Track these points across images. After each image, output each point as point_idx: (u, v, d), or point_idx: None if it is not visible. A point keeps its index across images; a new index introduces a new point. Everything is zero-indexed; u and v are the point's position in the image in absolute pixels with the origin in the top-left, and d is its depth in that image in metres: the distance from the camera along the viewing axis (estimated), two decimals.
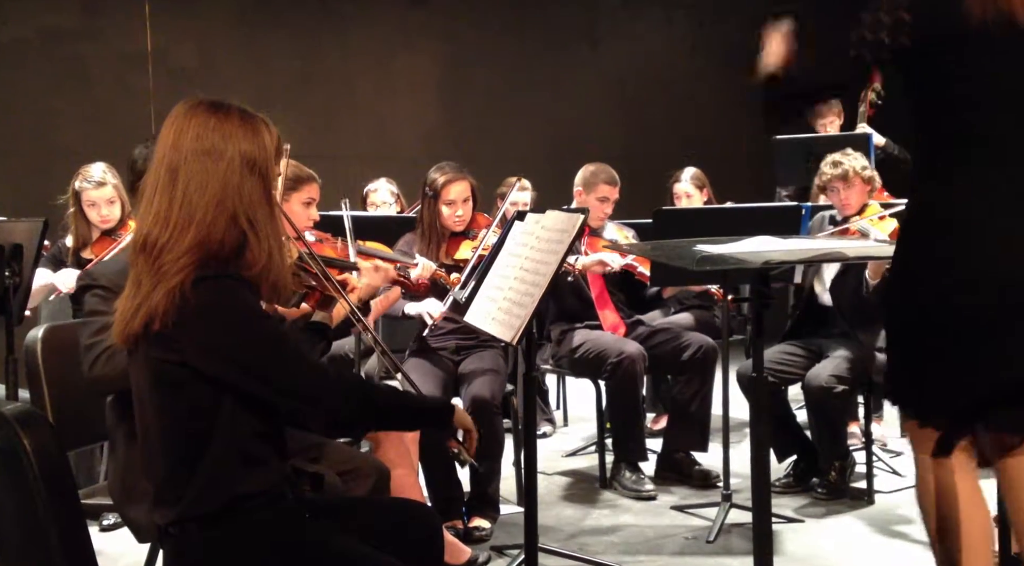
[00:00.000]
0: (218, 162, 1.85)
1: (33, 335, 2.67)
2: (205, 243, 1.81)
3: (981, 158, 2.13)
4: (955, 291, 2.11)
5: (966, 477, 2.22)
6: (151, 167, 1.90)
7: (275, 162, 1.94)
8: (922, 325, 2.16)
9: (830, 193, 4.12)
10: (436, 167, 3.97)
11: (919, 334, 2.18)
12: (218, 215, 1.83)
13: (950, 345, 2.12)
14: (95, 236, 4.02)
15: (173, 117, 1.90)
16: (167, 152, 1.87)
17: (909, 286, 2.19)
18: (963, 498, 2.20)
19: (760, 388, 2.50)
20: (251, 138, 1.89)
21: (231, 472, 1.84)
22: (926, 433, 2.23)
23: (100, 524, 3.65)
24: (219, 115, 1.89)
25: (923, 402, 2.21)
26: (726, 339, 3.92)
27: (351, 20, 7.70)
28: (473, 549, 3.32)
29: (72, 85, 6.74)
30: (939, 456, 2.22)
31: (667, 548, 3.53)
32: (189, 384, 1.81)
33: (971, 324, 2.10)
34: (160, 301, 1.77)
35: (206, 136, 1.86)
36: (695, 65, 8.75)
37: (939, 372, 2.15)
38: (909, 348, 2.22)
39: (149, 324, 1.79)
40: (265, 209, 1.88)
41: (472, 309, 2.90)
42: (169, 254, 1.80)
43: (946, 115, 2.16)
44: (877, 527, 3.70)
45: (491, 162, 6.43)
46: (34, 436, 1.50)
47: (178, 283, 1.77)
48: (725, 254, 2.34)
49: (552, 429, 5.31)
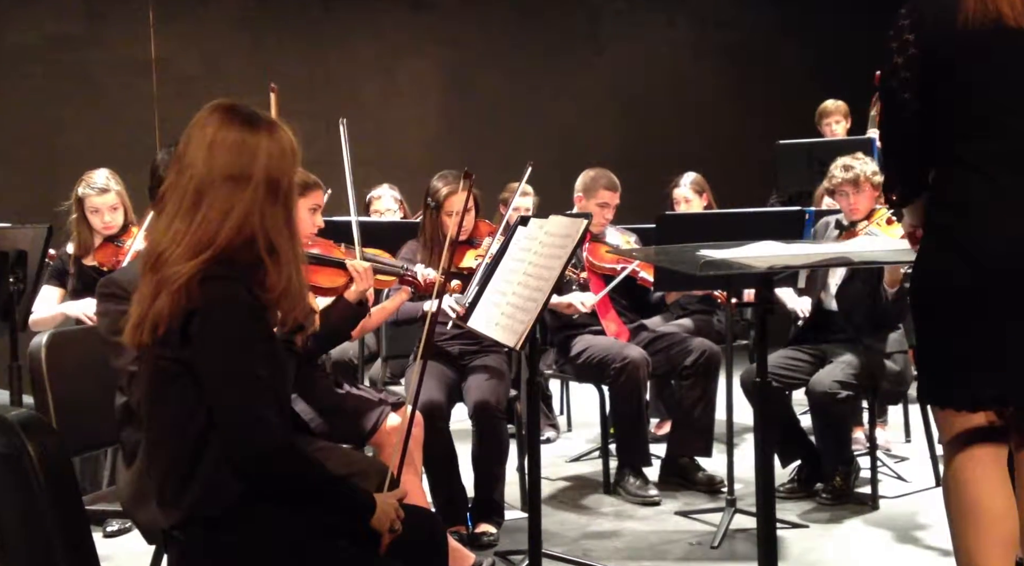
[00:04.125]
0: (244, 188, 1.83)
1: (37, 341, 2.67)
2: (216, 255, 1.82)
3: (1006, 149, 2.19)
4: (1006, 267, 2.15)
5: (992, 468, 2.24)
6: (176, 180, 1.87)
7: (295, 183, 1.94)
8: (966, 306, 2.19)
9: (839, 197, 4.11)
10: (438, 176, 3.96)
11: (965, 315, 2.19)
12: (235, 237, 1.83)
13: (1000, 325, 2.16)
14: (97, 242, 4.02)
15: (201, 126, 1.87)
16: (198, 170, 1.83)
17: (951, 269, 2.21)
18: (988, 487, 2.22)
19: (764, 393, 2.50)
20: (277, 159, 1.87)
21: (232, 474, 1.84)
22: (957, 416, 2.25)
23: (104, 530, 3.64)
24: (251, 132, 1.86)
25: (973, 384, 2.21)
26: (730, 344, 3.91)
27: (355, 26, 7.72)
28: (477, 554, 3.32)
29: (76, 92, 6.75)
30: (973, 438, 2.23)
31: (671, 553, 3.53)
32: (187, 382, 1.81)
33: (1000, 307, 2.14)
34: (164, 305, 1.78)
35: (236, 160, 1.83)
36: (698, 70, 8.75)
37: (988, 349, 2.17)
38: (953, 331, 2.22)
39: (155, 330, 1.80)
40: (285, 233, 1.88)
41: (476, 314, 2.90)
42: (175, 266, 1.80)
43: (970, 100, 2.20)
44: (881, 532, 3.69)
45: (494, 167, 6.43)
46: (38, 442, 1.50)
47: (182, 285, 1.78)
48: (729, 259, 2.34)
49: (556, 434, 5.31)
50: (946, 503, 2.32)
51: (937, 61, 2.21)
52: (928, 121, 2.26)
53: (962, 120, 2.23)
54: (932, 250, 2.27)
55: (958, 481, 2.26)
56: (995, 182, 2.18)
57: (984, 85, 2.19)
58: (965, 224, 2.20)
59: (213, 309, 1.79)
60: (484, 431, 3.62)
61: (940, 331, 2.26)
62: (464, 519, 3.62)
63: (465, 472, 3.69)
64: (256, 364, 1.81)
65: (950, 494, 2.30)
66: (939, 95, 2.23)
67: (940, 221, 2.26)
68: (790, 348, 4.17)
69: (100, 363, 2.61)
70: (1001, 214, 2.17)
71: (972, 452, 2.24)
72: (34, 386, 2.66)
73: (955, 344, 2.23)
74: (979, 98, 2.20)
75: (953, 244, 2.22)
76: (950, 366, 2.25)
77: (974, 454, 2.24)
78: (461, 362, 3.87)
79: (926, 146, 2.28)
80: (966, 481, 2.25)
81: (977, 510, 2.22)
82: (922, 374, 2.34)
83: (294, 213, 1.93)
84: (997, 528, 2.20)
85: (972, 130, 2.21)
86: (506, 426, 3.71)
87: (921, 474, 4.32)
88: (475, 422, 3.63)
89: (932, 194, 2.31)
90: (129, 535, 3.61)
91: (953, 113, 2.23)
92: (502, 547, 3.55)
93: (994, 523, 2.20)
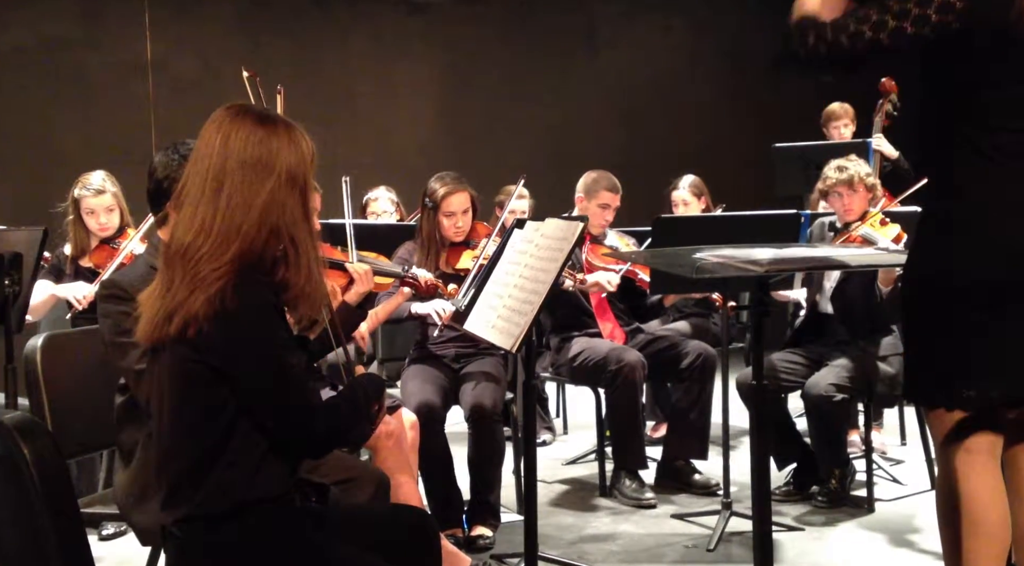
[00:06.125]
0: (265, 178, 1.85)
1: (32, 343, 2.67)
2: (246, 254, 1.83)
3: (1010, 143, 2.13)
4: (1000, 265, 2.11)
5: (989, 473, 2.20)
6: (193, 169, 1.89)
7: (312, 176, 1.95)
8: (963, 302, 2.14)
9: (832, 198, 4.12)
10: (436, 177, 3.96)
11: (961, 311, 2.14)
12: (261, 229, 1.84)
13: (993, 319, 2.11)
14: (93, 244, 4.02)
15: (218, 122, 1.89)
16: (214, 159, 1.85)
17: (948, 264, 2.16)
18: (984, 492, 2.19)
19: (760, 396, 2.50)
20: (296, 154, 1.89)
21: (245, 475, 1.86)
22: (951, 419, 2.21)
23: (99, 533, 3.64)
24: (267, 127, 1.88)
25: (968, 380, 2.16)
26: (726, 347, 3.92)
27: (351, 28, 7.72)
28: (473, 557, 3.32)
29: (72, 93, 6.75)
30: (967, 438, 2.19)
31: (667, 556, 3.53)
32: (214, 385, 1.83)
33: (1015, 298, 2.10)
34: (200, 308, 1.79)
35: (254, 148, 1.85)
36: (694, 72, 8.76)
37: (983, 347, 2.13)
38: (946, 328, 2.17)
39: (185, 329, 1.80)
40: (304, 226, 1.90)
41: (472, 317, 2.90)
42: (209, 264, 1.81)
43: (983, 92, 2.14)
44: (877, 535, 3.70)
45: (490, 170, 6.44)
46: (34, 444, 1.50)
47: (218, 290, 1.79)
48: (725, 262, 2.34)
49: (552, 437, 5.30)
50: (940, 508, 2.28)
51: (978, 38, 2.09)
52: None
53: (979, 109, 2.14)
54: (930, 243, 2.21)
55: (954, 490, 2.22)
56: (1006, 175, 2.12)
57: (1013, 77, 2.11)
58: (973, 219, 2.14)
59: (249, 315, 1.81)
60: (480, 434, 3.62)
61: (934, 327, 2.21)
62: (460, 522, 3.62)
63: (461, 475, 3.69)
64: (289, 357, 1.88)
65: (945, 501, 2.25)
66: (959, 77, 2.15)
67: (940, 213, 2.20)
68: (786, 351, 4.18)
69: (96, 366, 2.61)
70: (1005, 213, 2.12)
71: (968, 458, 2.21)
72: (29, 388, 2.66)
73: (951, 341, 2.17)
74: (1007, 88, 2.11)
75: (954, 238, 2.16)
76: (946, 364, 2.20)
77: (970, 460, 2.20)
78: (457, 365, 3.87)
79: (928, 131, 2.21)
80: (963, 491, 2.20)
81: (975, 521, 2.18)
82: (918, 373, 2.28)
83: (311, 209, 1.95)
84: (994, 540, 2.17)
85: (993, 121, 2.13)
86: (502, 429, 3.71)
87: (917, 477, 4.33)
88: (471, 425, 3.63)
89: (934, 184, 2.25)
90: (124, 538, 3.61)
91: (974, 101, 2.14)
92: (498, 550, 3.55)
93: (992, 535, 2.17)
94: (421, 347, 3.92)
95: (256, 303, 1.83)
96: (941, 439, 2.26)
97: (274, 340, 1.85)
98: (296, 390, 1.87)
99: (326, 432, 1.93)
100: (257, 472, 1.87)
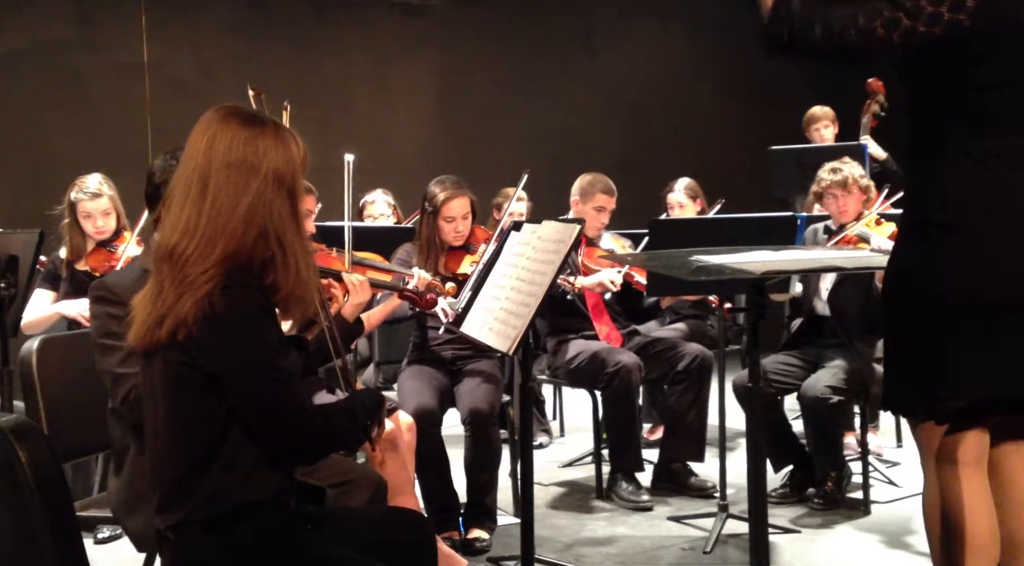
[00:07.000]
0: (251, 178, 1.85)
1: (28, 347, 2.67)
2: (234, 256, 1.83)
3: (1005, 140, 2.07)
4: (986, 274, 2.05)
5: (977, 485, 2.16)
6: (180, 172, 1.89)
7: (301, 177, 1.95)
8: (946, 310, 2.07)
9: (827, 200, 4.13)
10: (436, 181, 3.95)
11: (942, 320, 2.08)
12: (248, 230, 1.84)
13: (979, 327, 2.05)
14: (90, 247, 4.01)
15: (205, 124, 1.90)
16: (199, 161, 1.86)
17: (941, 279, 2.08)
18: (972, 505, 2.15)
19: (756, 398, 2.50)
20: (283, 154, 1.89)
21: (239, 479, 1.85)
22: (937, 431, 2.16)
23: (95, 537, 3.63)
24: (254, 129, 1.89)
25: (949, 388, 2.09)
26: (722, 349, 3.92)
27: (348, 30, 7.72)
28: (470, 560, 3.32)
29: (68, 96, 6.74)
30: (951, 453, 2.15)
31: (664, 559, 3.53)
32: (207, 389, 1.83)
33: (1003, 306, 2.04)
34: (189, 311, 1.79)
35: (239, 149, 1.85)
36: (691, 75, 8.77)
37: (963, 353, 2.07)
38: (928, 337, 2.11)
39: (175, 333, 1.80)
40: (292, 227, 1.90)
41: (468, 319, 2.90)
42: (196, 265, 1.81)
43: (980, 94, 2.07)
44: (873, 537, 3.70)
45: (488, 172, 6.44)
46: (29, 448, 1.50)
47: (207, 293, 1.79)
48: (721, 265, 2.34)
49: (548, 439, 5.30)
50: (928, 523, 2.24)
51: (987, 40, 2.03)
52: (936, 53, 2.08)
53: (977, 115, 2.08)
54: (920, 254, 2.14)
55: (942, 503, 2.18)
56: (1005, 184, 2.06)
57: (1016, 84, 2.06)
58: (968, 231, 2.06)
59: (238, 318, 1.81)
60: (477, 437, 3.62)
61: (919, 339, 2.14)
62: (457, 525, 3.62)
63: (458, 477, 3.68)
64: (280, 360, 1.87)
65: (932, 514, 2.21)
66: (953, 78, 2.08)
67: (929, 222, 2.12)
68: (782, 353, 4.18)
69: (92, 369, 2.61)
70: (1002, 227, 2.05)
71: (954, 470, 2.16)
72: (25, 391, 2.65)
73: (933, 352, 2.11)
74: (1009, 94, 2.06)
75: (948, 252, 2.08)
76: (927, 374, 2.13)
77: (956, 472, 2.16)
78: (454, 367, 3.87)
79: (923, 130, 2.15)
80: (950, 504, 2.16)
81: (963, 534, 2.14)
82: (897, 383, 2.21)
83: (301, 210, 1.94)
84: (982, 552, 2.14)
85: (988, 126, 2.07)
86: (499, 431, 3.71)
87: (912, 479, 4.33)
88: (468, 428, 3.63)
89: (922, 189, 2.16)
90: (120, 542, 3.60)
91: (968, 105, 2.07)
92: (495, 553, 3.54)
93: (980, 547, 2.14)
94: (418, 349, 3.92)
95: (245, 305, 1.82)
96: (926, 451, 2.22)
97: (264, 343, 1.84)
98: (287, 393, 1.86)
99: (316, 437, 1.92)
100: (252, 475, 1.86)
